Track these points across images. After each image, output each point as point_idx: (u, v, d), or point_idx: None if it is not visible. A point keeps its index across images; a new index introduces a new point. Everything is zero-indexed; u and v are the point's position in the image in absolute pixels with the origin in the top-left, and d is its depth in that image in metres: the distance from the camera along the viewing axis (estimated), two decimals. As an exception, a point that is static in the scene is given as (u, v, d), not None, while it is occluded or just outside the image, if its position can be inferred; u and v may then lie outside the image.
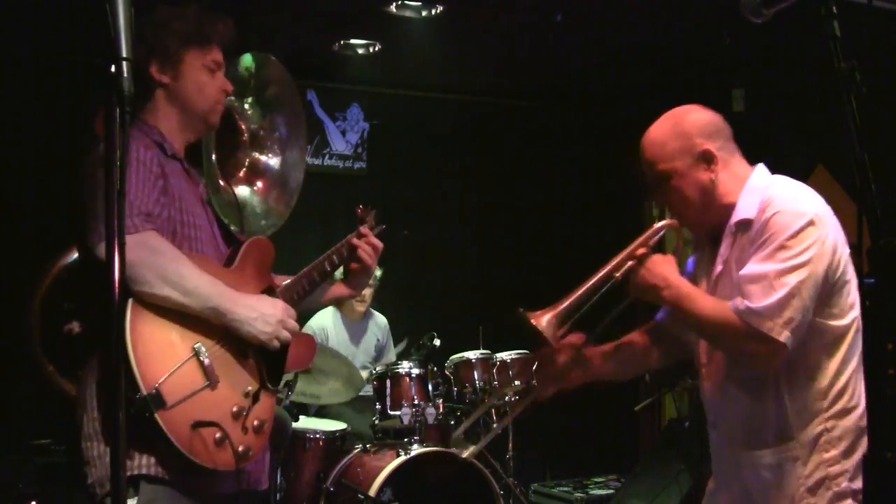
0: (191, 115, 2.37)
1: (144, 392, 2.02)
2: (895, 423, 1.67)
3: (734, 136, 2.37)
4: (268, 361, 2.32)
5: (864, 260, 1.73)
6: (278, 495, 4.43)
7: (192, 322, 2.15)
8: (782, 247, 2.13)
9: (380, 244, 2.69)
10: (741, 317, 2.13)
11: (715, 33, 5.40)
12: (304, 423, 4.78)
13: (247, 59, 2.58)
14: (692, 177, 2.29)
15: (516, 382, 5.00)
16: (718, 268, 2.31)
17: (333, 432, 4.73)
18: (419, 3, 5.30)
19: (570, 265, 3.49)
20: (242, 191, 2.59)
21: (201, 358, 2.14)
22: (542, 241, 7.33)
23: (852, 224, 1.75)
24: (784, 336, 2.10)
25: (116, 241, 1.33)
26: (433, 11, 5.39)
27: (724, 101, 6.24)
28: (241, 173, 2.61)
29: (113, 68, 1.37)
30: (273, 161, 2.64)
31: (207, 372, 2.14)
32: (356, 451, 4.56)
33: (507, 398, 5.03)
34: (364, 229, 2.68)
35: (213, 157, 2.49)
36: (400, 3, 5.29)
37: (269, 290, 2.42)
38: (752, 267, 2.15)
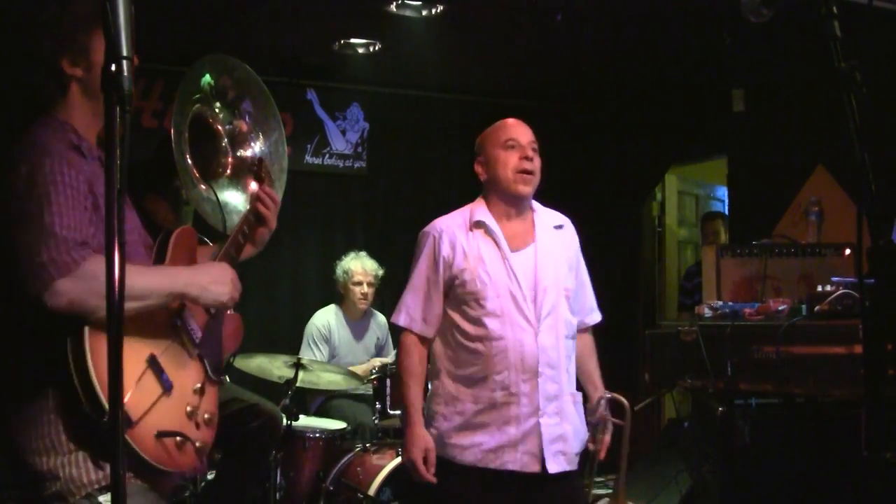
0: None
1: None
2: (895, 423, 1.67)
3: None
4: (207, 354, 2.37)
5: (864, 260, 1.73)
6: (278, 495, 4.42)
7: (141, 332, 2.17)
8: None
9: (278, 198, 2.63)
10: None
11: (715, 33, 5.40)
12: (304, 422, 4.77)
13: (206, 79, 2.59)
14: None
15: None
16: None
17: (333, 432, 4.73)
18: (419, 3, 5.30)
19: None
20: (226, 191, 2.64)
21: (156, 367, 2.17)
22: (542, 241, 7.33)
23: (852, 224, 1.75)
24: None
25: (117, 241, 1.34)
26: (433, 11, 5.39)
27: (724, 101, 6.24)
28: (227, 175, 2.65)
29: (113, 68, 1.36)
30: (257, 148, 2.68)
31: (163, 380, 2.18)
32: (356, 450, 4.56)
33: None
34: (265, 187, 2.63)
35: (187, 157, 2.51)
36: (400, 2, 5.29)
37: None
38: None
